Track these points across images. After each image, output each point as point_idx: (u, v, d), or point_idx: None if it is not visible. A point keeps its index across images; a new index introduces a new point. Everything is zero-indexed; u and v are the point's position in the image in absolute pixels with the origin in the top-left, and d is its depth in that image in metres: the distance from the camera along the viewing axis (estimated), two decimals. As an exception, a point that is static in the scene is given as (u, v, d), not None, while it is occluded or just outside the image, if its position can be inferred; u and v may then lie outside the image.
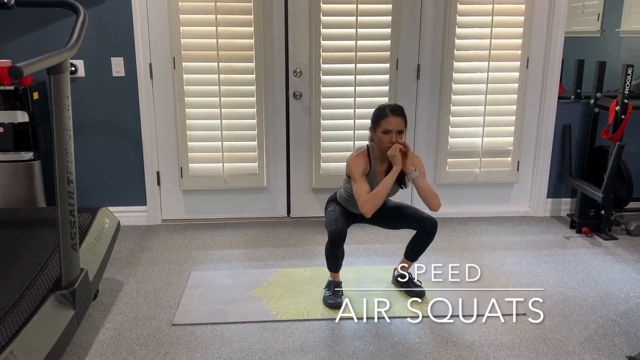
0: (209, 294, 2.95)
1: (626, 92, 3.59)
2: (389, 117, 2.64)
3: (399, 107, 2.69)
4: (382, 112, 2.67)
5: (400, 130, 2.66)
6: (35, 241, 2.63)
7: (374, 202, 2.66)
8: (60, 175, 2.12)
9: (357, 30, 3.66)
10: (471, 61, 3.82)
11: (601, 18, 4.29)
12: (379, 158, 2.77)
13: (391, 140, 2.64)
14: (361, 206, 2.66)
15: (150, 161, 3.84)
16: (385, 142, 2.66)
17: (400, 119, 2.66)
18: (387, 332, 2.60)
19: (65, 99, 2.07)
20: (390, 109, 2.67)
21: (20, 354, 1.85)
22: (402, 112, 2.68)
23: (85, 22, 2.21)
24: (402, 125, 2.66)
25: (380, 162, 2.78)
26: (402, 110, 2.69)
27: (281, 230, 3.86)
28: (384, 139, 2.66)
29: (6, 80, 3.30)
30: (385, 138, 2.65)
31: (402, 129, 2.66)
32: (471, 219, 4.09)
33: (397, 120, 2.64)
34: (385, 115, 2.65)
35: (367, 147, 2.79)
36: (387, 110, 2.66)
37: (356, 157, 2.74)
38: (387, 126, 2.64)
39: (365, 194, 2.66)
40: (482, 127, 3.92)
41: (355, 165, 2.71)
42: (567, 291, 3.02)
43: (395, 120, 2.64)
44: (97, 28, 3.59)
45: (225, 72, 3.68)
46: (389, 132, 2.64)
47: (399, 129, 2.65)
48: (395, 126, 2.63)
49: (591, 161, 4.03)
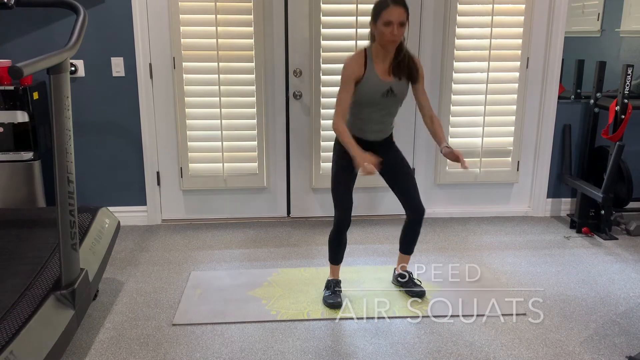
0: (209, 294, 2.95)
1: (626, 92, 3.59)
2: (391, 6, 2.45)
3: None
4: (383, 3, 2.48)
5: (402, 22, 2.47)
6: (35, 241, 2.63)
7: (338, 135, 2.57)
8: (60, 175, 2.11)
9: (357, 30, 3.66)
10: (471, 61, 3.82)
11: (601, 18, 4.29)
12: (380, 56, 2.59)
13: (393, 32, 2.46)
14: (333, 121, 2.56)
15: (150, 161, 3.84)
16: (387, 35, 2.47)
17: (403, 9, 2.48)
18: (387, 332, 2.60)
19: (65, 99, 2.07)
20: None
21: (20, 354, 1.85)
22: (403, 2, 2.50)
23: (85, 22, 2.21)
24: (404, 17, 2.48)
25: (382, 61, 2.59)
26: (404, 0, 2.50)
27: (281, 230, 3.86)
28: (385, 32, 2.47)
29: (6, 80, 3.30)
30: (386, 30, 2.46)
31: (404, 21, 2.48)
32: (471, 219, 4.09)
33: (399, 11, 2.46)
34: (386, 5, 2.46)
35: (364, 50, 2.62)
36: (388, 0, 2.48)
37: (350, 60, 2.58)
38: (388, 17, 2.45)
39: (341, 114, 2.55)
40: (482, 127, 3.92)
41: (345, 69, 2.56)
42: (567, 291, 3.02)
43: (397, 11, 2.45)
44: (97, 28, 3.59)
45: (225, 72, 3.68)
46: (391, 23, 2.45)
47: (401, 19, 2.46)
48: (397, 17, 2.45)
49: (591, 161, 4.04)
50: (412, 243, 2.92)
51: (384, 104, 2.65)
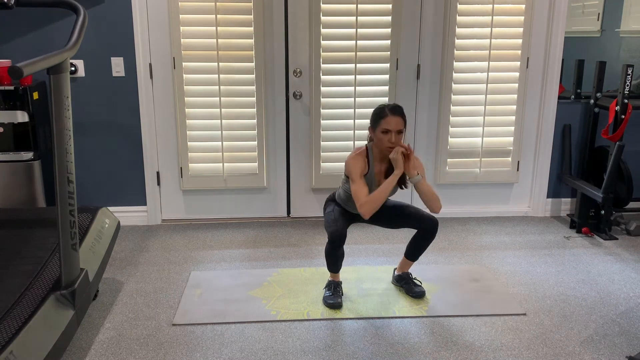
0: (209, 294, 2.95)
1: (626, 92, 3.59)
2: (389, 116, 2.63)
3: (399, 107, 2.68)
4: (381, 112, 2.66)
5: (400, 130, 2.65)
6: (35, 241, 2.63)
7: (373, 205, 2.64)
8: (60, 175, 2.11)
9: (357, 30, 3.66)
10: (471, 61, 3.82)
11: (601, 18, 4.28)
12: (378, 158, 2.76)
13: (390, 140, 2.63)
14: (359, 208, 2.64)
15: (150, 161, 3.84)
16: (385, 142, 2.65)
17: (400, 118, 2.65)
18: (387, 332, 2.60)
19: (65, 99, 2.07)
20: (390, 108, 2.65)
21: (20, 354, 1.85)
22: (401, 112, 2.67)
23: (85, 22, 2.20)
24: (401, 125, 2.65)
25: (380, 162, 2.77)
26: (402, 110, 2.68)
27: (281, 230, 3.86)
28: (383, 139, 2.65)
29: (6, 80, 3.30)
30: (384, 138, 2.64)
31: (401, 129, 2.65)
32: (471, 219, 4.09)
33: (396, 120, 2.63)
34: (385, 115, 2.64)
35: (366, 147, 2.78)
36: (386, 110, 2.65)
37: (355, 157, 2.73)
38: (386, 126, 2.63)
39: (364, 196, 2.65)
40: (482, 127, 3.92)
41: (354, 166, 2.70)
42: (567, 291, 3.02)
43: (394, 120, 2.63)
44: (97, 28, 3.59)
45: (225, 72, 3.69)
46: (389, 132, 2.63)
47: (398, 128, 2.64)
48: (395, 126, 2.62)
49: (591, 161, 4.04)
50: (420, 252, 2.93)
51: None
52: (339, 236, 2.71)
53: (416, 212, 2.85)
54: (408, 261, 2.97)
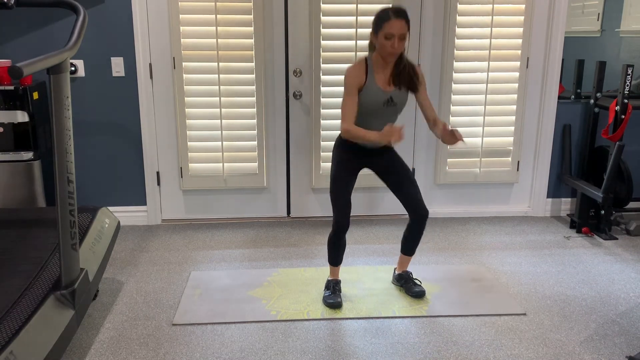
0: (209, 294, 2.95)
1: (626, 92, 3.59)
2: (392, 19, 2.46)
3: (403, 10, 2.52)
4: (384, 15, 2.49)
5: (403, 35, 2.49)
6: (35, 241, 2.63)
7: (353, 136, 2.56)
8: (60, 175, 2.11)
9: (357, 30, 3.66)
10: (471, 61, 3.82)
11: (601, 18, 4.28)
12: (380, 65, 2.61)
13: (393, 45, 2.49)
14: (342, 129, 2.56)
15: (150, 161, 3.84)
16: (388, 47, 2.50)
17: (404, 22, 2.49)
18: (387, 332, 2.60)
19: (65, 99, 2.07)
20: (394, 11, 2.49)
21: (20, 354, 1.85)
22: (405, 15, 2.51)
23: (85, 22, 2.20)
24: (405, 29, 2.49)
25: (383, 70, 2.62)
26: (406, 13, 2.54)
27: (281, 230, 3.86)
28: (386, 45, 2.50)
29: (6, 80, 3.30)
30: (387, 43, 2.49)
31: (405, 33, 2.49)
32: (471, 219, 4.10)
33: (400, 24, 2.47)
34: (388, 17, 2.47)
35: (364, 59, 2.64)
36: (390, 12, 2.49)
37: (351, 69, 2.59)
38: (389, 29, 2.46)
39: (350, 119, 2.55)
40: (482, 127, 3.92)
41: (348, 77, 2.57)
42: (567, 291, 3.02)
43: (398, 24, 2.47)
44: (97, 28, 3.59)
45: (225, 72, 3.69)
46: (392, 36, 2.47)
47: (402, 32, 2.48)
48: (398, 29, 2.46)
49: (591, 161, 4.04)
50: (414, 245, 2.92)
51: (383, 113, 2.66)
52: (343, 225, 2.70)
53: (415, 194, 2.76)
54: (405, 257, 2.97)
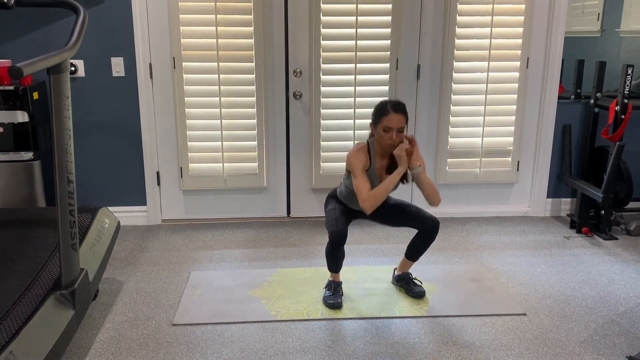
0: (209, 294, 2.95)
1: (626, 92, 3.59)
2: (390, 114, 2.61)
3: (401, 104, 2.66)
4: (383, 109, 2.64)
5: (401, 128, 2.64)
6: (35, 241, 2.63)
7: (375, 200, 2.64)
8: (60, 175, 2.11)
9: (357, 30, 3.66)
10: (471, 61, 3.82)
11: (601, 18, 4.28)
12: (379, 154, 2.75)
13: (392, 137, 2.62)
14: (362, 202, 2.63)
15: (150, 161, 3.84)
16: (386, 139, 2.64)
17: (402, 116, 2.63)
18: (387, 332, 2.60)
19: (65, 99, 2.07)
20: (392, 105, 2.63)
21: (20, 354, 1.85)
22: (403, 109, 2.65)
23: (85, 22, 2.20)
24: (403, 123, 2.64)
25: (381, 158, 2.76)
26: (404, 107, 2.66)
27: (281, 230, 3.86)
28: (384, 137, 2.64)
29: (6, 80, 3.30)
30: (385, 135, 2.63)
31: (402, 127, 2.64)
32: (471, 219, 4.09)
33: (398, 118, 2.62)
34: (387, 112, 2.62)
35: (367, 143, 2.77)
36: (388, 106, 2.63)
37: (356, 153, 2.72)
38: (388, 123, 2.61)
39: (366, 191, 2.64)
40: (482, 127, 3.92)
41: (356, 161, 2.69)
42: (567, 291, 3.02)
43: (396, 118, 2.61)
44: (97, 28, 3.59)
45: (225, 72, 3.69)
46: (390, 129, 2.62)
47: (400, 126, 2.62)
48: (396, 124, 2.61)
49: (591, 161, 4.04)
50: (421, 252, 2.92)
51: None
52: (340, 236, 2.70)
53: (417, 211, 2.84)
54: (408, 261, 2.97)
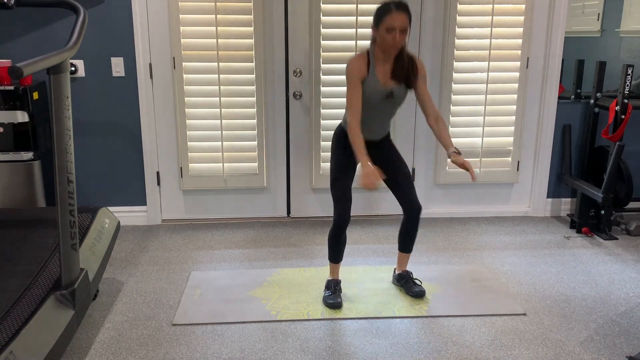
0: (209, 294, 2.95)
1: (626, 92, 3.59)
2: (393, 12, 2.45)
3: (404, 3, 2.50)
4: (386, 8, 2.48)
5: (405, 28, 2.48)
6: (35, 241, 2.63)
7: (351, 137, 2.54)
8: (60, 175, 2.11)
9: (357, 30, 3.66)
10: (471, 61, 3.82)
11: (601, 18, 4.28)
12: (381, 59, 2.60)
13: (395, 38, 2.47)
14: (348, 120, 2.55)
15: (150, 161, 3.84)
16: (389, 40, 2.48)
17: (405, 15, 2.48)
18: (387, 332, 2.60)
19: (65, 99, 2.07)
20: (396, 4, 2.48)
21: (20, 354, 1.85)
22: (407, 8, 2.50)
23: (85, 22, 2.20)
24: (406, 23, 2.48)
25: (383, 64, 2.60)
26: (407, 6, 2.53)
27: (281, 230, 3.86)
28: (387, 38, 2.49)
29: (6, 80, 3.30)
30: (388, 36, 2.48)
31: (406, 27, 2.49)
32: (471, 219, 4.10)
33: (401, 17, 2.46)
34: (390, 10, 2.46)
35: (367, 51, 2.63)
36: (391, 5, 2.47)
37: (353, 61, 2.58)
38: (391, 22, 2.45)
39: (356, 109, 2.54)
40: (482, 127, 3.92)
41: (352, 68, 2.56)
42: (567, 291, 3.02)
43: (399, 17, 2.45)
44: (97, 28, 3.59)
45: (225, 72, 3.69)
46: (393, 29, 2.46)
47: (403, 26, 2.47)
48: (400, 22, 2.46)
49: (591, 161, 4.04)
50: (410, 241, 2.92)
51: (383, 106, 2.66)
52: (344, 220, 2.70)
53: (409, 190, 2.77)
54: (403, 254, 2.97)
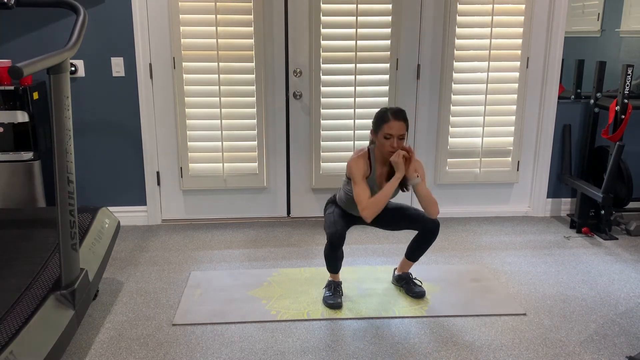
0: (209, 294, 2.95)
1: (626, 92, 3.59)
2: (391, 121, 2.59)
3: (401, 111, 2.65)
4: (384, 116, 2.63)
5: (402, 135, 2.62)
6: (35, 241, 2.63)
7: (376, 208, 2.62)
8: (60, 175, 2.11)
9: (357, 30, 3.66)
10: (471, 61, 3.82)
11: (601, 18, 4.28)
12: (379, 161, 2.73)
13: (392, 145, 2.60)
14: (362, 211, 2.62)
15: (150, 161, 3.84)
16: (387, 146, 2.62)
17: (402, 123, 2.62)
18: (387, 332, 2.60)
19: (65, 99, 2.07)
20: (393, 112, 2.62)
21: (20, 354, 1.85)
22: (404, 116, 2.64)
23: (85, 22, 2.20)
24: (403, 130, 2.62)
25: (381, 166, 2.74)
26: (404, 114, 2.65)
27: (281, 230, 3.86)
28: (385, 144, 2.62)
29: (6, 80, 3.30)
30: (386, 143, 2.61)
31: (403, 134, 2.63)
32: (471, 219, 4.09)
33: (399, 125, 2.60)
34: (387, 119, 2.60)
35: (367, 150, 2.76)
36: (389, 114, 2.62)
37: (357, 160, 2.71)
38: (388, 130, 2.59)
39: (366, 198, 2.63)
40: (482, 127, 3.92)
41: (356, 168, 2.68)
42: (567, 291, 3.02)
43: (397, 125, 2.59)
44: (97, 28, 3.59)
45: (225, 72, 3.69)
46: (391, 136, 2.60)
47: (401, 133, 2.61)
48: (397, 131, 2.59)
49: (591, 161, 4.04)
50: (421, 253, 2.92)
51: None
52: (338, 237, 2.70)
53: (417, 213, 2.84)
54: (408, 262, 2.97)
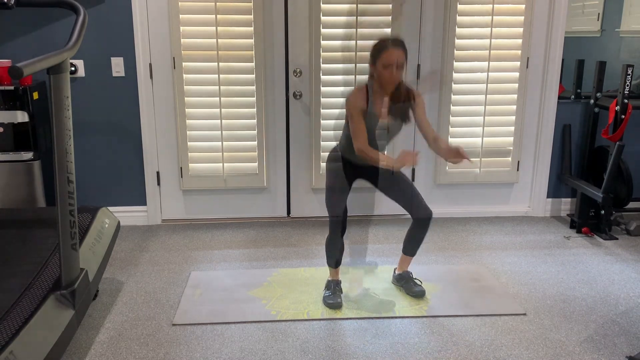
0: (209, 294, 2.95)
1: (626, 92, 3.59)
2: (390, 49, 2.50)
3: (400, 40, 2.58)
4: (382, 44, 2.54)
5: (401, 64, 2.53)
6: (35, 241, 2.63)
7: (366, 157, 2.58)
8: (60, 175, 2.11)
9: (356, 31, 3.66)
10: (471, 61, 3.82)
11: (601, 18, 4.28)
12: (378, 94, 2.64)
13: (391, 73, 2.53)
14: (357, 148, 2.59)
15: (150, 161, 3.84)
16: (386, 75, 2.54)
17: (401, 51, 2.53)
18: (387, 332, 2.60)
19: (65, 99, 2.07)
20: (392, 41, 2.54)
21: (20, 354, 1.85)
22: (403, 44, 2.57)
23: (85, 22, 2.20)
24: (402, 58, 2.53)
25: (380, 99, 2.65)
26: (403, 43, 2.57)
27: (281, 230, 3.86)
28: (384, 73, 2.54)
29: (6, 80, 3.30)
30: (385, 72, 2.53)
31: (402, 63, 2.54)
32: (471, 219, 4.10)
33: (397, 52, 2.51)
34: (386, 47, 2.52)
35: (365, 85, 2.67)
36: (388, 42, 2.53)
37: (355, 94, 2.64)
38: (387, 58, 2.51)
39: (363, 138, 2.58)
40: (482, 127, 3.92)
41: (354, 102, 2.61)
42: (567, 291, 3.02)
43: (396, 52, 2.51)
44: (97, 28, 3.59)
45: (225, 72, 3.69)
46: (389, 65, 2.51)
47: (400, 61, 2.52)
48: (396, 59, 2.51)
49: (591, 161, 4.04)
50: (416, 246, 2.92)
51: (378, 138, 2.72)
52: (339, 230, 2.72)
53: (415, 197, 2.79)
54: (406, 257, 2.98)
